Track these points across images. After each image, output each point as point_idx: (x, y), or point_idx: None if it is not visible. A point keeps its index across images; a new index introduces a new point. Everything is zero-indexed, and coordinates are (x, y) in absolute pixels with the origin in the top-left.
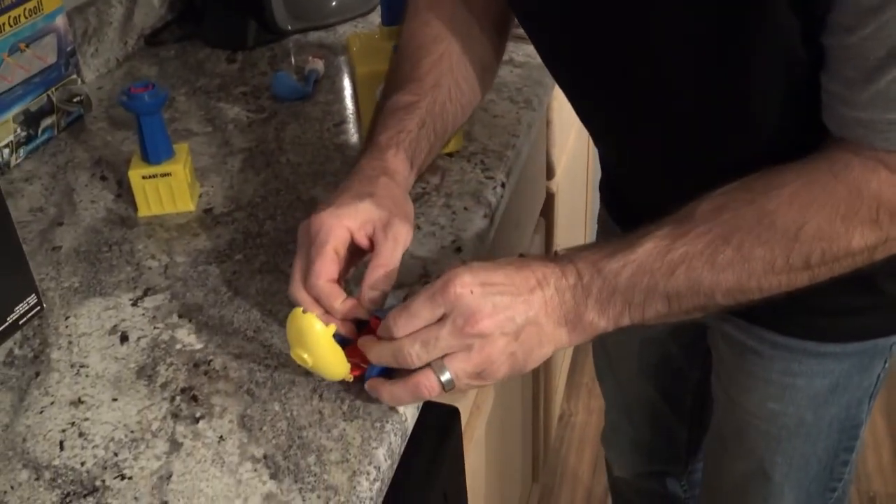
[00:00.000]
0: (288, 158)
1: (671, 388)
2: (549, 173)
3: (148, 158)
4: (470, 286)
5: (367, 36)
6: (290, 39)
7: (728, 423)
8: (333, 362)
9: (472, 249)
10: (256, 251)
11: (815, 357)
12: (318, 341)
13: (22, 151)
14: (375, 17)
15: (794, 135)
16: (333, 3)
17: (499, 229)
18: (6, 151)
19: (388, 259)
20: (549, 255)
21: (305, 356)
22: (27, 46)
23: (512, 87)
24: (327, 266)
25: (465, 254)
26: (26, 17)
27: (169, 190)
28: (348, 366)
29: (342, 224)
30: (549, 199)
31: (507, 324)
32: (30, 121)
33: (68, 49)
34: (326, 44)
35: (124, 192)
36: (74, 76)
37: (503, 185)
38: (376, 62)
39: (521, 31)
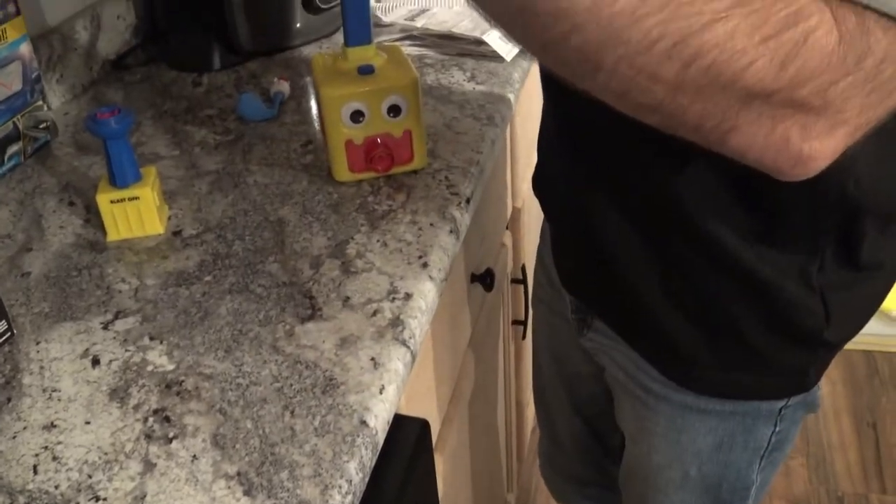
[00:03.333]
0: (255, 179)
1: (598, 424)
2: (515, 187)
3: (115, 182)
4: None
5: (330, 57)
6: (256, 61)
7: (623, 468)
8: None
9: (439, 264)
10: (226, 272)
11: (697, 413)
12: None
13: None
14: (340, 38)
15: None
16: (297, 25)
17: (465, 243)
18: None
19: None
20: None
21: None
22: None
23: (475, 103)
24: None
25: (432, 269)
26: None
27: (137, 213)
28: None
29: None
30: (516, 212)
31: None
32: None
33: (34, 76)
34: (292, 64)
35: (93, 216)
36: (40, 102)
37: (468, 201)
38: (340, 84)
39: (483, 48)
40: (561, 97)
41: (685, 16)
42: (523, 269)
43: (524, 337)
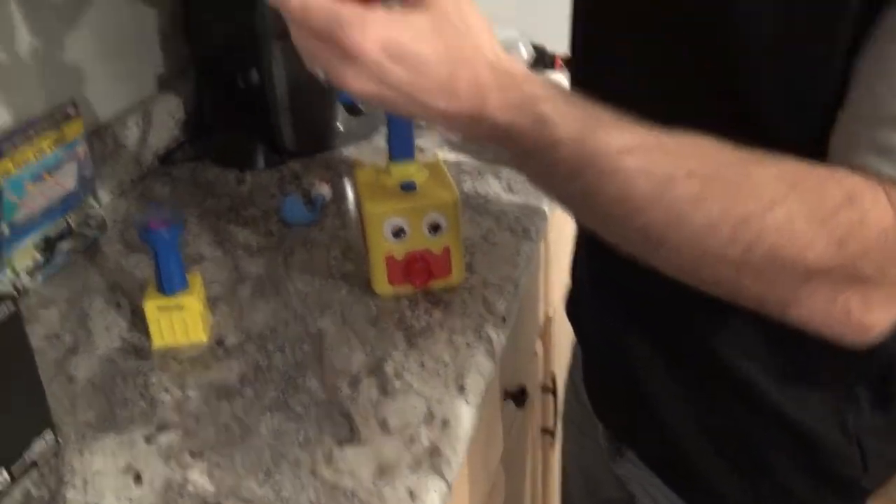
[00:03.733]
0: (296, 287)
1: None
2: (547, 296)
3: (163, 289)
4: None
5: (373, 171)
6: (298, 160)
7: None
8: None
9: (475, 388)
10: (266, 386)
11: None
12: None
13: (39, 276)
14: (379, 140)
15: None
16: (340, 128)
17: (500, 360)
18: (25, 277)
19: None
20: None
21: None
22: (49, 175)
23: (511, 215)
24: None
25: (468, 393)
26: (50, 148)
27: (182, 322)
28: None
29: None
30: (547, 321)
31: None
32: (49, 246)
33: (88, 175)
34: (332, 165)
35: (138, 320)
36: (92, 200)
37: (504, 320)
38: (383, 200)
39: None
40: (599, 253)
41: (744, 200)
42: (553, 378)
43: (552, 446)
